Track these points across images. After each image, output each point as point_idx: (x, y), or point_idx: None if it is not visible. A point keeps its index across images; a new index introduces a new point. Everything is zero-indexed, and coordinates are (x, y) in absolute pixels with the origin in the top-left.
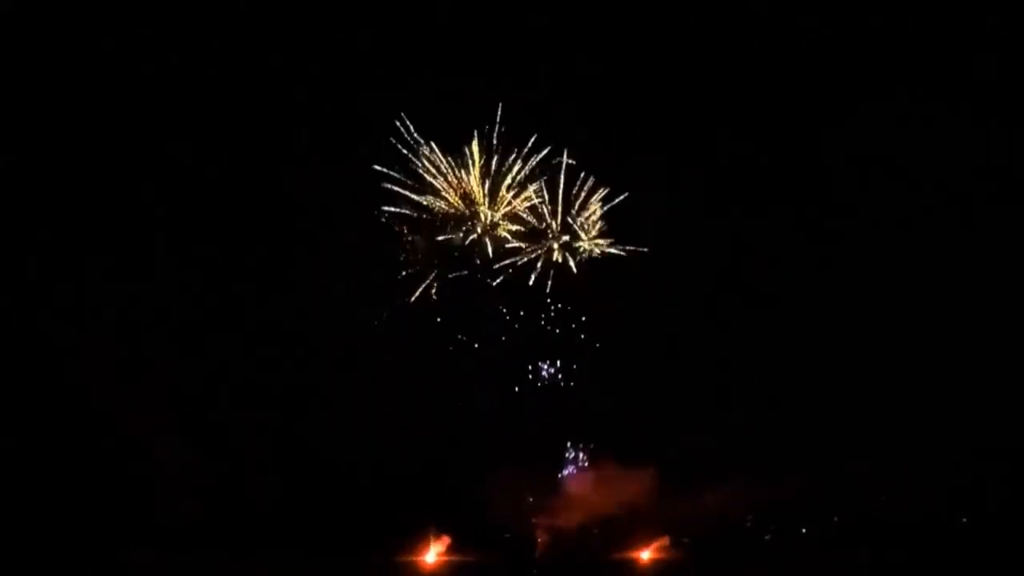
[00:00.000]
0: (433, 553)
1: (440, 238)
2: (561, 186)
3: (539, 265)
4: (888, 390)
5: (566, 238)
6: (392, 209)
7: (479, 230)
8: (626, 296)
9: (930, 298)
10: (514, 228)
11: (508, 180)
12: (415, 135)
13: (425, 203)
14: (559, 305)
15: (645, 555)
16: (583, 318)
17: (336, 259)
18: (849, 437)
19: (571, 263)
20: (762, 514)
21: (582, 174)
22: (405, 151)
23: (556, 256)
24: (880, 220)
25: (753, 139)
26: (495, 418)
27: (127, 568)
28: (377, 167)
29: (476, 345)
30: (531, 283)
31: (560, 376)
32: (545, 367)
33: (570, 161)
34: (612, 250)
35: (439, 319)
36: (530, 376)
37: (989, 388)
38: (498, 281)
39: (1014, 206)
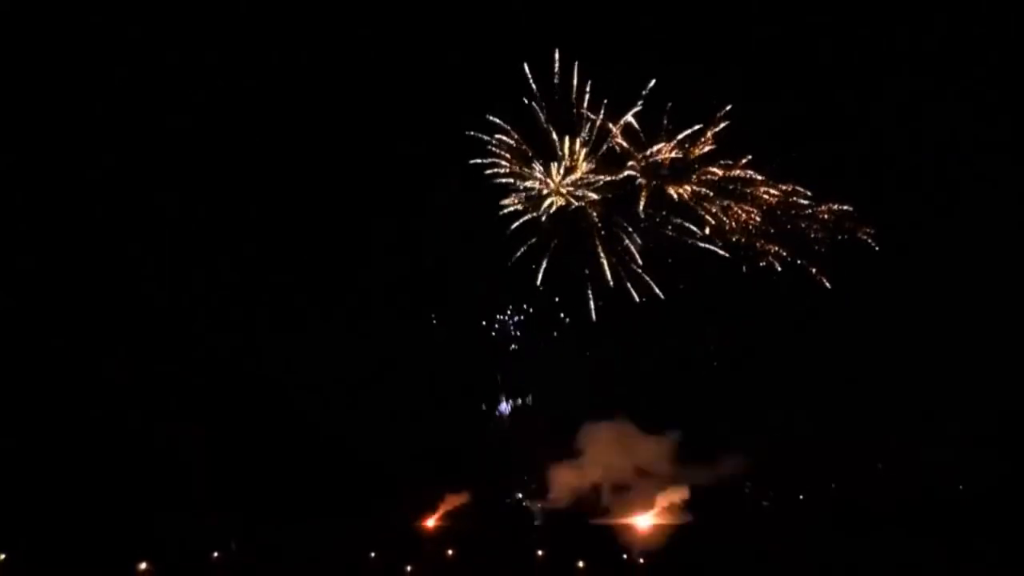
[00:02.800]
0: (433, 519)
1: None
2: None
3: None
4: (886, 368)
5: None
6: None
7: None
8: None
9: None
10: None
11: None
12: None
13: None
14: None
15: (644, 523)
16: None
17: None
18: (848, 409)
19: None
20: (761, 481)
21: None
22: None
23: None
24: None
25: None
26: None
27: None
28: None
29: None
30: None
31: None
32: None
33: None
34: None
35: None
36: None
37: (982, 364)
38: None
39: None
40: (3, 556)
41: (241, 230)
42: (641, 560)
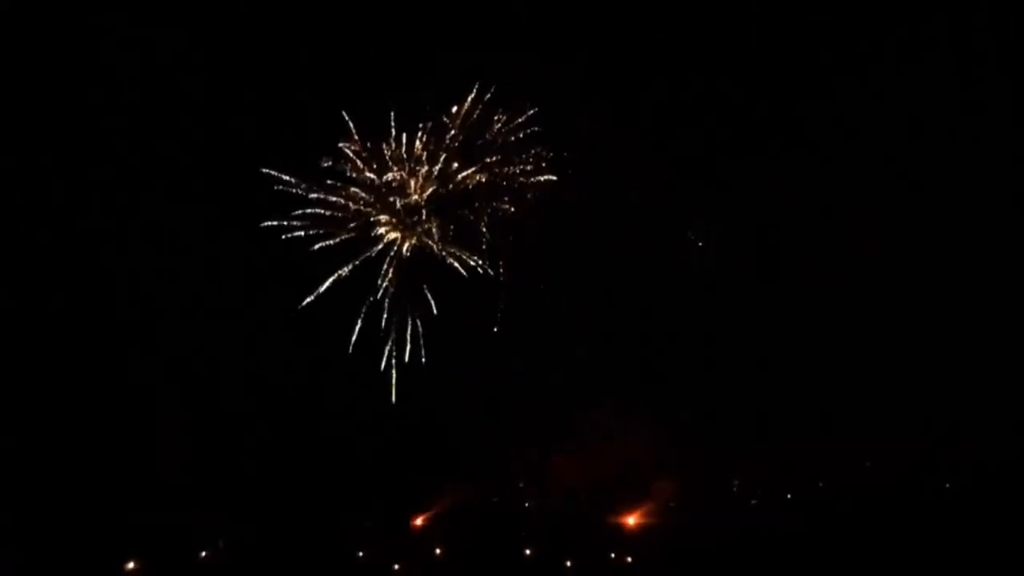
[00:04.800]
0: (422, 517)
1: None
2: None
3: None
4: (875, 366)
5: None
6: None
7: None
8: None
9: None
10: None
11: None
12: None
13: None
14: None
15: (632, 521)
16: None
17: None
18: (836, 407)
19: None
20: (749, 479)
21: None
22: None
23: None
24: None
25: None
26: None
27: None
28: None
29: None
30: None
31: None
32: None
33: None
34: None
35: None
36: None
37: (971, 363)
38: None
39: None
40: None
41: (240, 229)
42: (629, 559)
